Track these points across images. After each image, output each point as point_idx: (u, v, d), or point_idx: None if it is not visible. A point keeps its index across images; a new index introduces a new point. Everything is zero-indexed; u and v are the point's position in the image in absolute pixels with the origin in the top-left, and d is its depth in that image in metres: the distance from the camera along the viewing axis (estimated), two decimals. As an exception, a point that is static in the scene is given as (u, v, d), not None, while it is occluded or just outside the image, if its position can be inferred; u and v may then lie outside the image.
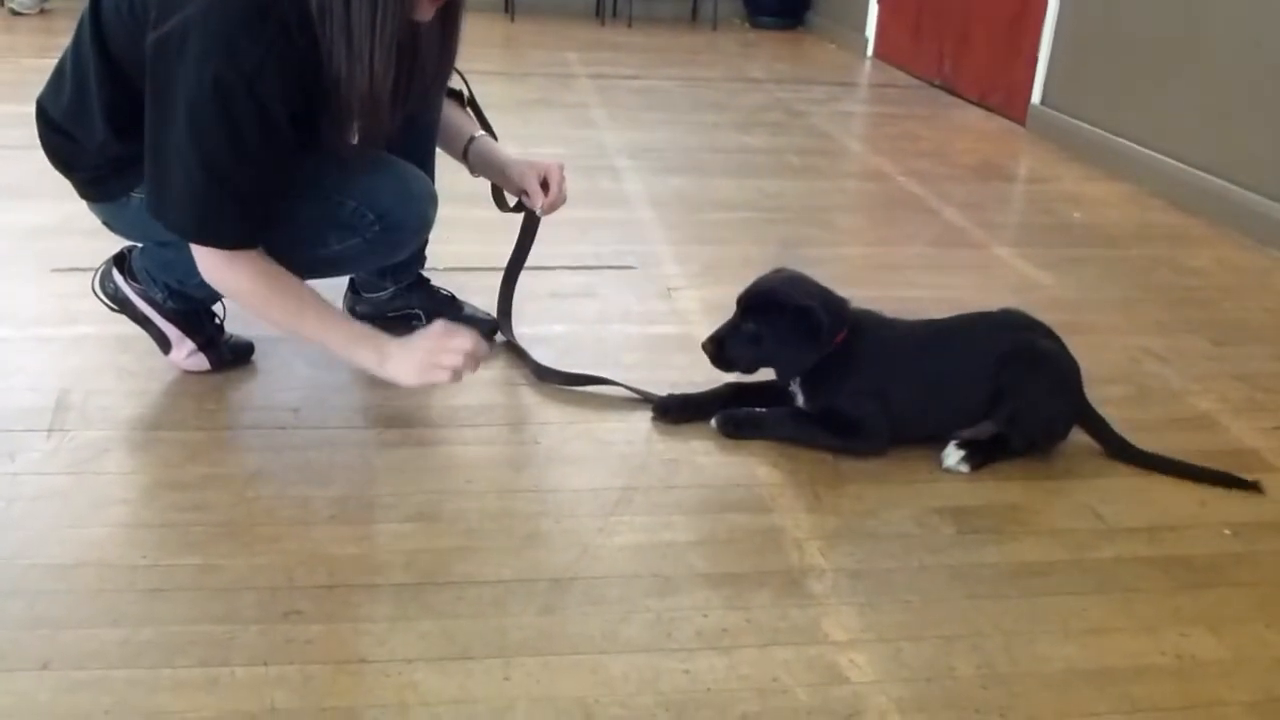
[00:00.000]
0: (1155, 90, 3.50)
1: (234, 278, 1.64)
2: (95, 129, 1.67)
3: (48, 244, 2.44)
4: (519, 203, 2.00)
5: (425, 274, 2.09)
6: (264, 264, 1.64)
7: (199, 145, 1.53)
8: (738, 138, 3.97)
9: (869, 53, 5.95)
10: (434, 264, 2.12)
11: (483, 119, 2.02)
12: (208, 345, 1.88)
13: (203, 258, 1.63)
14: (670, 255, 2.64)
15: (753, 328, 1.72)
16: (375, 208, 1.74)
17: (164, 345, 1.88)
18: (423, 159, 1.89)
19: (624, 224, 2.86)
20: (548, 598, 1.38)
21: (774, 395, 1.81)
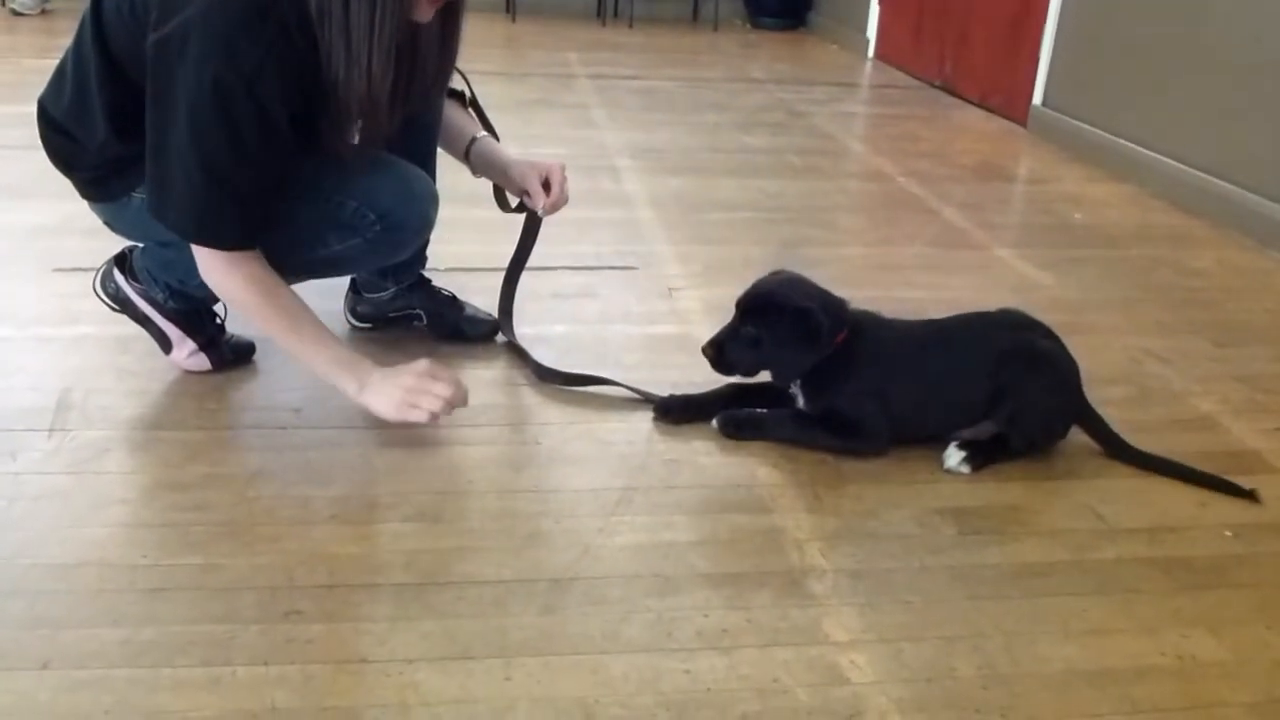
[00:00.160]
0: (1156, 91, 3.50)
1: (230, 281, 1.64)
2: (96, 129, 1.68)
3: (49, 244, 2.44)
4: (520, 203, 2.00)
5: (426, 274, 2.09)
6: (261, 272, 1.64)
7: (199, 146, 1.53)
8: (739, 138, 3.97)
9: (870, 53, 5.96)
10: (435, 264, 2.12)
11: (484, 119, 2.02)
12: (209, 345, 1.89)
13: (202, 259, 1.64)
14: (671, 255, 2.64)
15: (752, 331, 1.72)
16: (376, 208, 1.74)
17: (165, 345, 1.88)
18: (424, 159, 1.89)
19: (625, 224, 2.86)
20: (548, 598, 1.38)
21: (775, 396, 1.81)
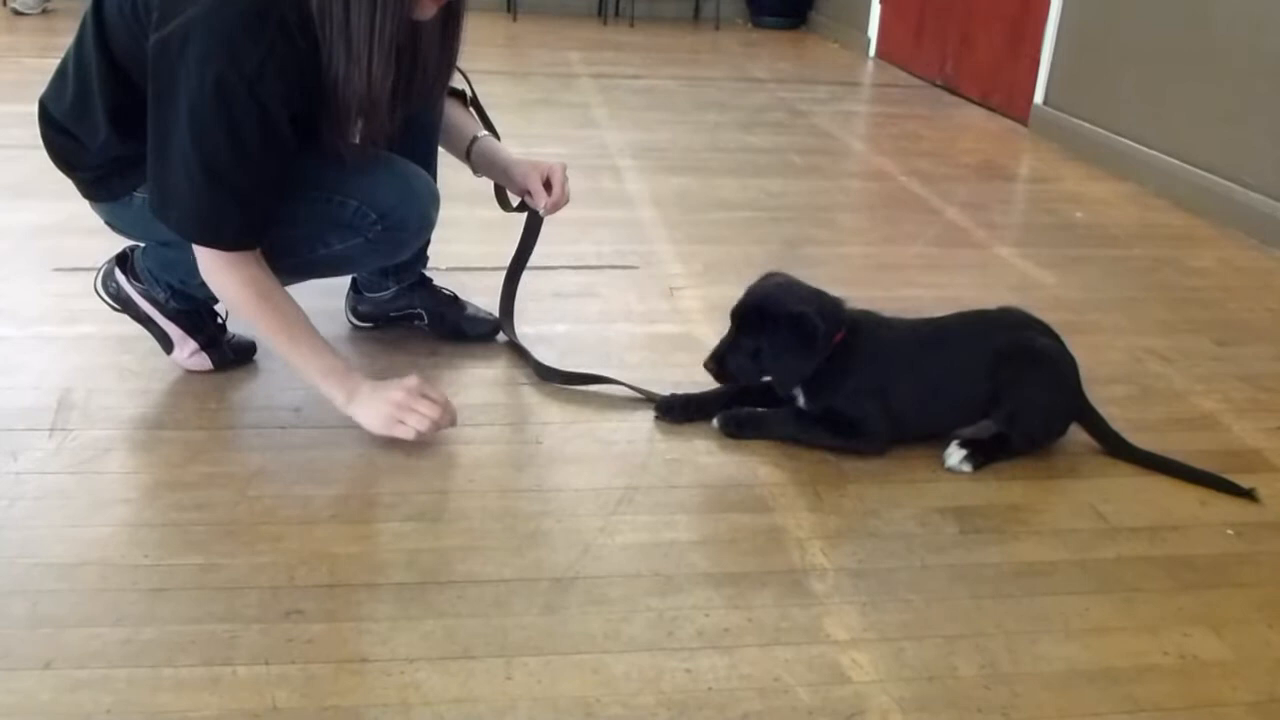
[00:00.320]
0: (1158, 90, 3.49)
1: (229, 282, 1.64)
2: (97, 129, 1.68)
3: (50, 243, 2.44)
4: (522, 203, 2.00)
5: (427, 274, 2.09)
6: (260, 274, 1.64)
7: (200, 146, 1.53)
8: (740, 137, 3.97)
9: (871, 52, 5.95)
10: (436, 264, 2.12)
11: (485, 119, 2.02)
12: (210, 345, 1.89)
13: (202, 258, 1.64)
14: (672, 255, 2.64)
15: (750, 342, 1.71)
16: (377, 207, 1.74)
17: (166, 345, 1.88)
18: (425, 159, 1.89)
19: (626, 223, 2.86)
20: (549, 597, 1.38)
21: (775, 395, 1.81)
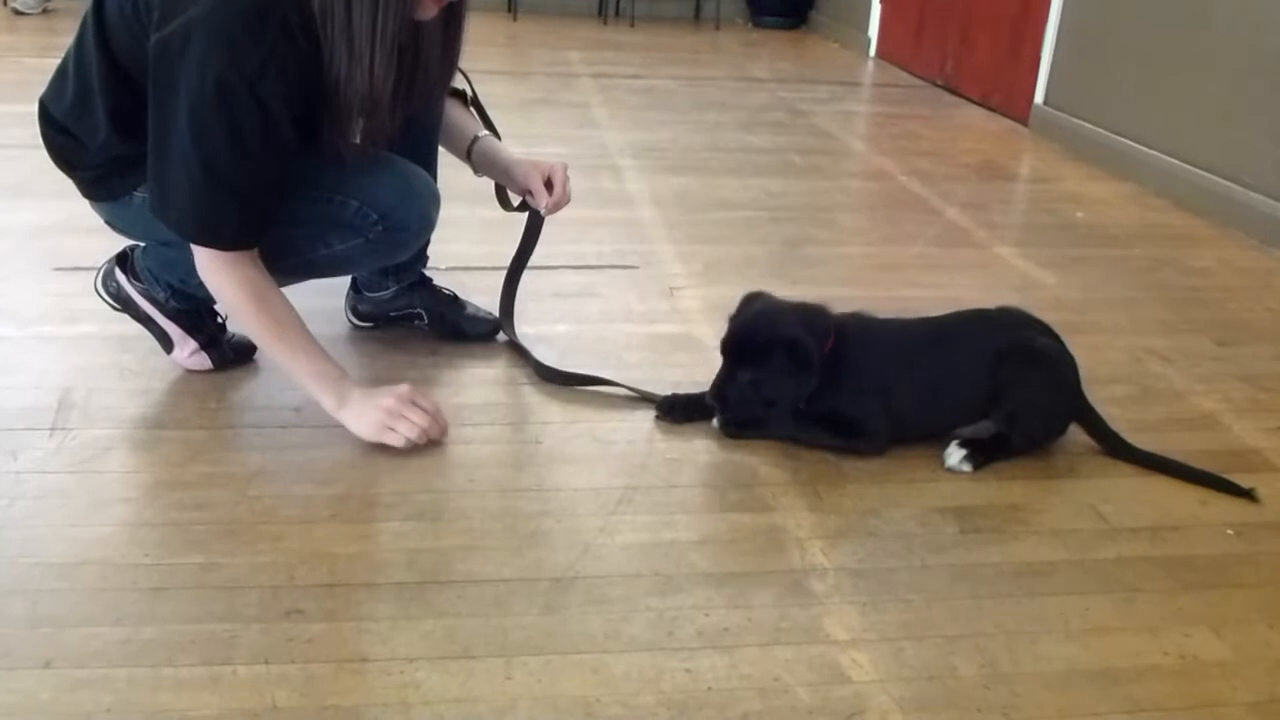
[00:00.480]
0: (1158, 90, 3.49)
1: (225, 282, 1.64)
2: (98, 128, 1.68)
3: (50, 243, 2.44)
4: (523, 202, 2.00)
5: (427, 273, 2.09)
6: (257, 276, 1.64)
7: (200, 146, 1.53)
8: (740, 137, 3.97)
9: (872, 52, 5.95)
10: (436, 263, 2.12)
11: (486, 118, 2.02)
12: (210, 344, 1.89)
13: (201, 258, 1.64)
14: (672, 255, 2.64)
15: (745, 373, 1.70)
16: (378, 207, 1.74)
17: (166, 344, 1.89)
18: (425, 159, 1.89)
19: (626, 223, 2.86)
20: (549, 597, 1.38)
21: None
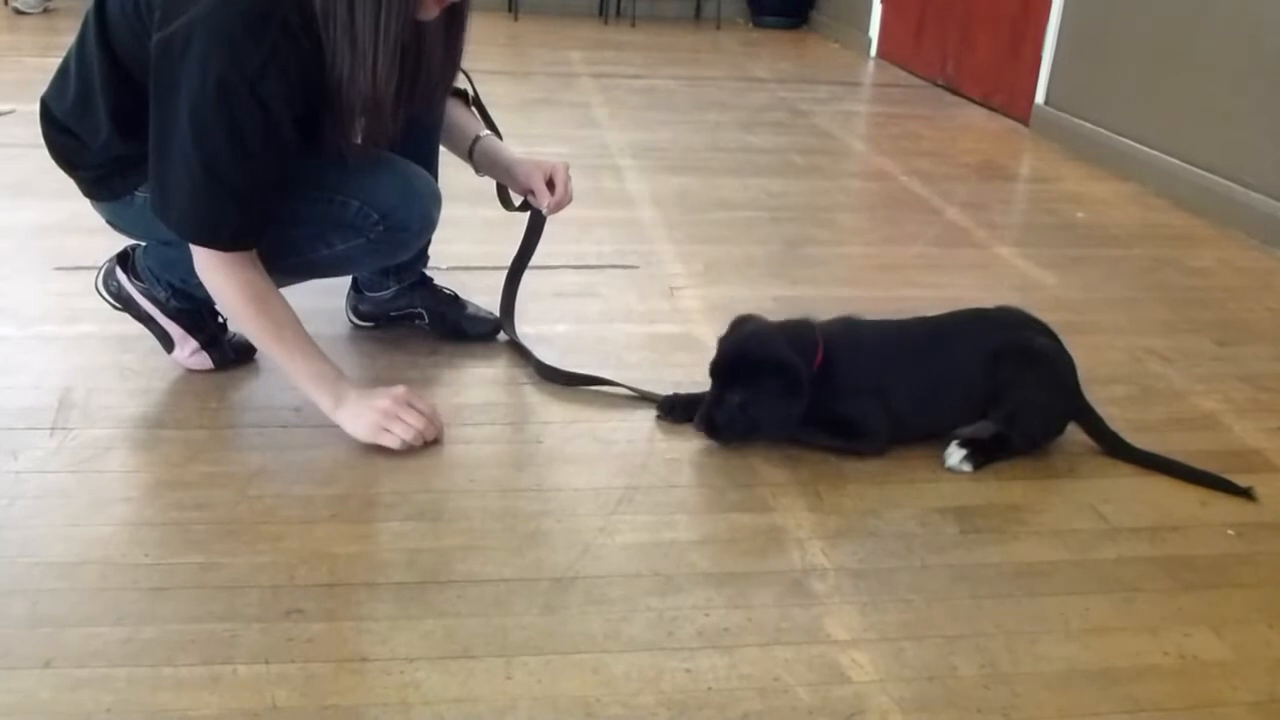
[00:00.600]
0: (1159, 90, 3.49)
1: (224, 283, 1.64)
2: (99, 128, 1.68)
3: (51, 242, 2.45)
4: (525, 202, 2.00)
5: (428, 273, 2.09)
6: (256, 276, 1.64)
7: (201, 146, 1.53)
8: (741, 137, 3.97)
9: (872, 52, 5.95)
10: (437, 263, 2.12)
11: (487, 118, 2.02)
12: (210, 344, 1.89)
13: (199, 258, 1.64)
14: (673, 254, 2.64)
15: (734, 395, 1.69)
16: (379, 207, 1.74)
17: (167, 344, 1.89)
18: (426, 159, 1.90)
19: (627, 223, 2.86)
20: (549, 597, 1.38)
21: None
